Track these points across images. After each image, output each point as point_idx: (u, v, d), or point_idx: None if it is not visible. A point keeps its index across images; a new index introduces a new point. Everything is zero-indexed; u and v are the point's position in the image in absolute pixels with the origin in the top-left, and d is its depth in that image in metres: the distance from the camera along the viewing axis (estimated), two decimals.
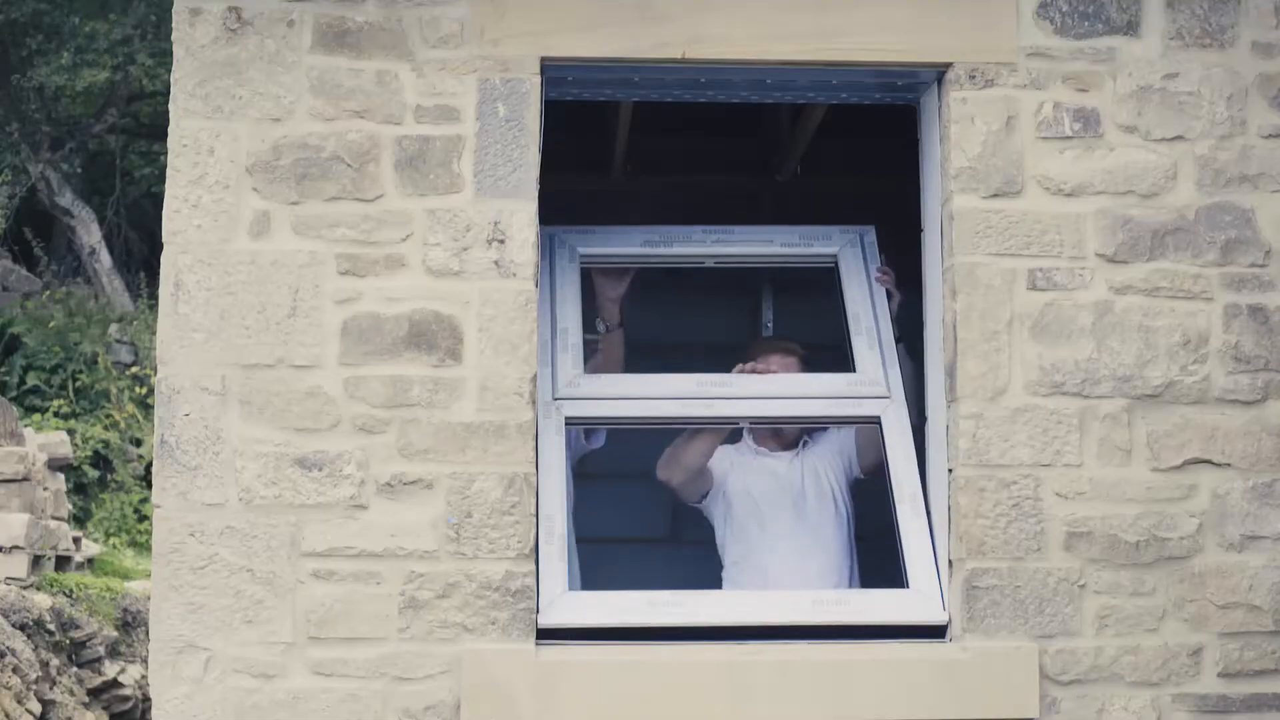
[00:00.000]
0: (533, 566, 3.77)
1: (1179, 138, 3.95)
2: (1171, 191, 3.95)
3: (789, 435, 4.74)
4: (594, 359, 4.63)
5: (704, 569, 4.65)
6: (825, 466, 4.67)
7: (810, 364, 4.63)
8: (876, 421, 4.27)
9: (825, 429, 4.73)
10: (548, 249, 4.41)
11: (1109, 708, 3.81)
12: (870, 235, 4.63)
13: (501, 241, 3.82)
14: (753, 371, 4.43)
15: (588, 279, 4.62)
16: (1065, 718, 3.79)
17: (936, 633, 3.89)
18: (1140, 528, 3.85)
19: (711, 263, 4.59)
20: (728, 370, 4.40)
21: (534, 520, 3.78)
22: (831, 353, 4.58)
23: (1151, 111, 3.95)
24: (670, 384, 4.28)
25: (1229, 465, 3.90)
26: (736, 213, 6.63)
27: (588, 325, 4.52)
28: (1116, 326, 3.89)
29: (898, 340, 4.44)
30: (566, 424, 4.18)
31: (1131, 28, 3.97)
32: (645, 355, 4.90)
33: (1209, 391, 3.90)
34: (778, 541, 4.52)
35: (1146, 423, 3.88)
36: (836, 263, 4.63)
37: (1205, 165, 3.96)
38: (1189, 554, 3.87)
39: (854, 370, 4.36)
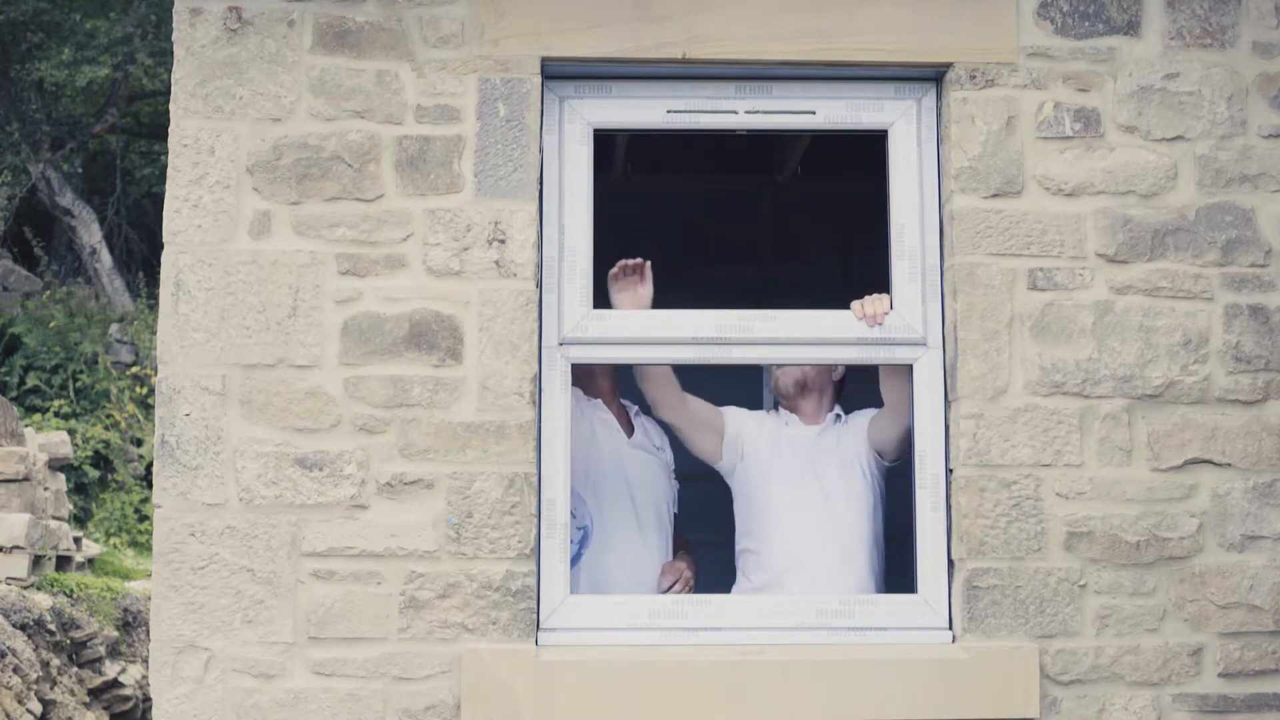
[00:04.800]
0: (533, 566, 3.77)
1: (1179, 138, 3.96)
2: (1172, 191, 3.95)
3: (816, 401, 4.54)
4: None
5: (704, 569, 4.64)
6: (856, 445, 4.47)
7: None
8: (908, 370, 4.00)
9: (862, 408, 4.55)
10: (556, 120, 3.97)
11: (1109, 708, 3.81)
12: (930, 99, 4.02)
13: (502, 241, 3.82)
14: None
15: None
16: (1065, 718, 3.79)
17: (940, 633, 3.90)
18: (1141, 528, 3.85)
19: (744, 131, 4.11)
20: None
21: (534, 520, 3.78)
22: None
23: (1152, 111, 3.95)
24: (688, 325, 3.95)
25: (1229, 465, 3.90)
26: (736, 213, 6.68)
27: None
28: (1117, 326, 3.89)
29: None
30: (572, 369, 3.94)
31: (1132, 28, 3.97)
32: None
33: (1209, 391, 3.90)
34: (795, 526, 4.38)
35: (1147, 423, 3.88)
36: (887, 138, 4.04)
37: (1205, 165, 3.96)
38: (1189, 554, 3.87)
39: (891, 307, 3.97)
